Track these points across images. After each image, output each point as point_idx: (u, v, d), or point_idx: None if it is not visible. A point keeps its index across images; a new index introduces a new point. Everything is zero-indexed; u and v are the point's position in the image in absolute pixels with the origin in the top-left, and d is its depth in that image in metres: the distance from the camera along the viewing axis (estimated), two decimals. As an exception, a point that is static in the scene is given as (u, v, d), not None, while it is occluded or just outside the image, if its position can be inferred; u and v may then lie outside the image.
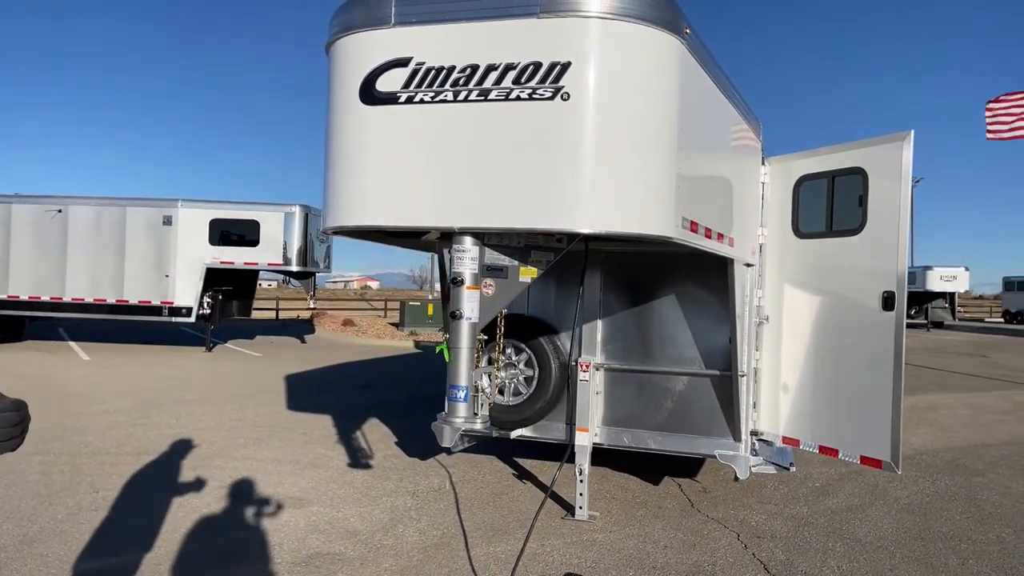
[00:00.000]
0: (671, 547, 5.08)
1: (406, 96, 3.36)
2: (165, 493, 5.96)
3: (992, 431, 9.57)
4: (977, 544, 5.28)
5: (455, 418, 3.59)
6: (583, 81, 3.18)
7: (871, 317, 4.98)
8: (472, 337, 3.57)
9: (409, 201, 3.40)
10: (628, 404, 5.86)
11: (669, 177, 3.41)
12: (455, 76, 3.29)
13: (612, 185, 3.25)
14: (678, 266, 5.63)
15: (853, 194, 5.13)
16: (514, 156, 3.25)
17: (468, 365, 3.56)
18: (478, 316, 3.58)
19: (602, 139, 3.21)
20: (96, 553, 4.73)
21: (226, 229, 16.23)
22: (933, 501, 6.30)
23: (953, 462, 7.76)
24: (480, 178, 3.29)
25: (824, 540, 5.28)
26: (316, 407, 10.02)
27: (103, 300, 16.29)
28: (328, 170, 3.63)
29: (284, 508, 5.68)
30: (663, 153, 3.39)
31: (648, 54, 3.33)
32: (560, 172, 3.21)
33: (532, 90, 3.20)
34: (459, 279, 3.48)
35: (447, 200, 3.34)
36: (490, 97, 3.26)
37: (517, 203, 3.25)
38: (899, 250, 4.83)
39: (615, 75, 3.23)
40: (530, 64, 3.20)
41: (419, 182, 3.38)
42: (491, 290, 3.57)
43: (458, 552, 4.90)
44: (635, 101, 3.29)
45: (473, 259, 3.50)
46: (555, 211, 3.23)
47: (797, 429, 5.55)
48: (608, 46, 3.23)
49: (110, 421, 8.74)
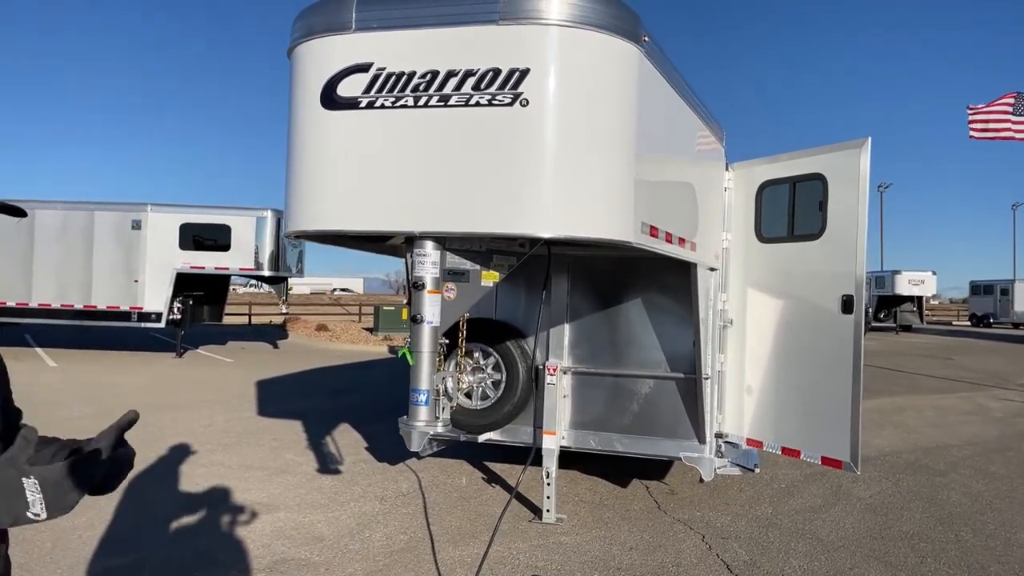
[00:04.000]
0: (636, 549, 5.13)
1: (367, 101, 3.38)
2: (130, 501, 5.90)
3: (956, 432, 9.75)
4: (936, 543, 5.38)
5: (417, 421, 3.61)
6: (542, 88, 3.22)
7: (831, 320, 5.07)
8: (434, 341, 3.59)
9: (370, 206, 3.41)
10: (595, 407, 5.90)
11: (628, 182, 3.46)
12: (415, 82, 3.31)
13: (570, 190, 3.29)
14: (644, 270, 5.69)
15: (814, 199, 5.22)
16: (474, 161, 3.28)
17: (430, 369, 3.57)
18: (439, 320, 3.60)
19: (560, 145, 3.25)
20: (59, 562, 4.67)
21: (197, 233, 16.07)
22: (895, 501, 6.41)
23: (916, 462, 7.90)
24: (440, 183, 3.31)
25: (787, 540, 5.36)
26: (287, 412, 9.96)
27: (70, 305, 16.07)
28: (289, 174, 3.64)
29: (251, 514, 5.65)
30: (622, 159, 3.44)
31: (606, 61, 3.38)
32: (519, 177, 3.25)
33: (491, 96, 3.23)
34: (420, 283, 3.50)
35: (408, 205, 3.36)
36: (450, 103, 3.28)
37: (477, 208, 3.28)
38: (858, 254, 4.93)
39: (573, 82, 3.27)
40: (489, 70, 3.24)
41: (380, 187, 3.40)
42: (452, 294, 3.60)
43: (424, 556, 4.91)
44: (593, 108, 3.33)
45: (434, 263, 3.52)
46: (514, 216, 3.26)
47: (761, 431, 5.63)
48: (566, 53, 3.27)
49: (74, 428, 8.54)
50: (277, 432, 8.69)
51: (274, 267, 16.34)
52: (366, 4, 3.43)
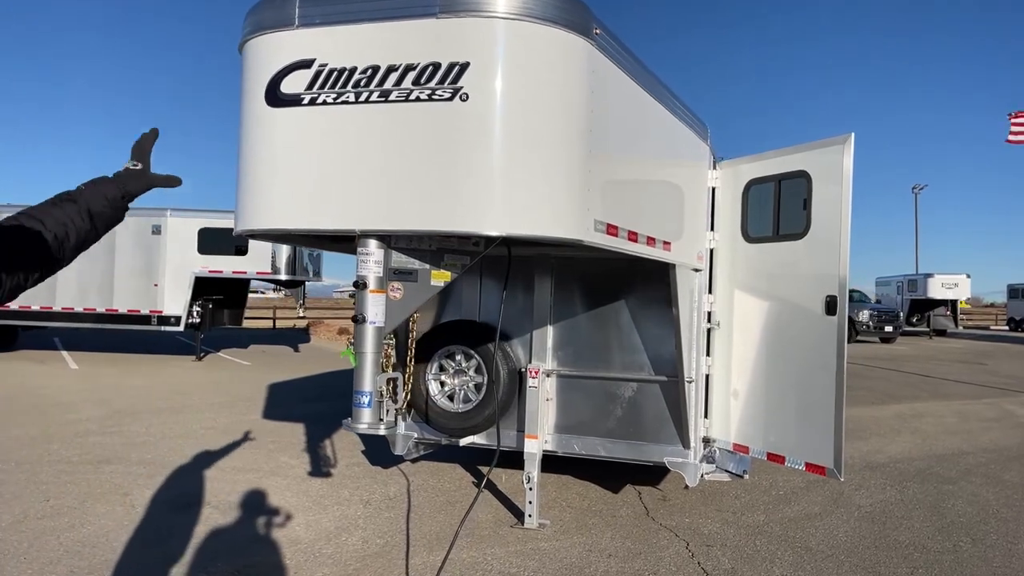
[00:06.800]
0: (616, 556, 5.01)
1: (309, 98, 3.33)
2: (116, 502, 5.93)
3: (975, 439, 9.44)
4: (931, 552, 5.18)
5: (359, 423, 3.54)
6: (482, 82, 3.13)
7: (815, 322, 4.91)
8: (377, 341, 3.52)
9: (313, 204, 3.36)
10: (580, 411, 5.79)
11: (577, 179, 3.36)
12: (356, 77, 3.25)
13: (514, 187, 3.20)
14: (629, 271, 5.56)
15: (798, 198, 5.07)
16: (416, 157, 3.20)
17: (373, 370, 3.51)
18: (383, 320, 3.53)
19: (502, 141, 3.16)
20: (32, 563, 4.69)
21: (215, 238, 16.22)
22: (896, 509, 6.20)
23: (927, 470, 7.65)
24: (382, 180, 3.24)
25: (774, 548, 5.20)
26: (292, 415, 9.98)
27: (92, 309, 16.33)
28: (239, 172, 3.60)
29: (232, 517, 5.64)
30: (569, 155, 3.34)
31: (549, 55, 3.28)
32: (460, 174, 3.16)
33: (432, 91, 3.15)
34: (362, 282, 3.44)
35: (349, 203, 3.30)
36: (391, 98, 3.21)
37: (419, 205, 3.20)
38: (841, 254, 4.76)
39: (514, 76, 3.18)
40: (429, 65, 3.16)
41: (322, 185, 3.34)
42: (399, 293, 3.53)
43: (397, 561, 4.85)
44: (536, 102, 3.24)
45: (377, 262, 3.45)
46: (456, 214, 3.17)
47: (747, 436, 5.47)
48: (507, 47, 3.18)
49: (80, 429, 8.73)
50: (278, 435, 8.70)
51: (290, 271, 16.44)
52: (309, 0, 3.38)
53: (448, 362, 5.86)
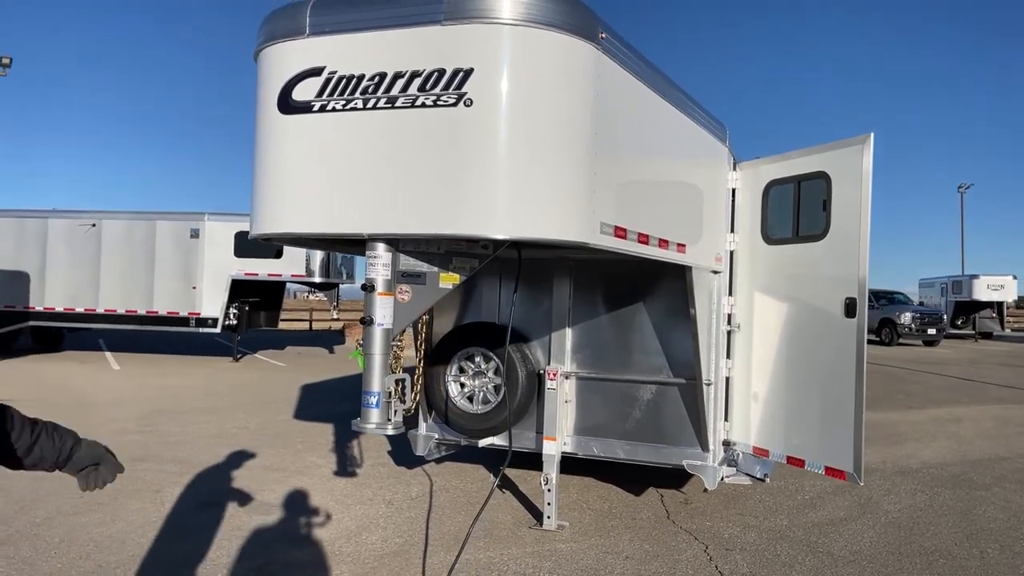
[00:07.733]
0: (633, 558, 5.00)
1: (319, 105, 3.41)
2: (147, 499, 6.09)
3: (1013, 444, 9.22)
4: (956, 559, 5.08)
5: (367, 424, 3.61)
6: (485, 88, 3.18)
7: (834, 324, 4.85)
8: (385, 343, 3.59)
9: (323, 208, 3.44)
10: (598, 413, 5.79)
11: (582, 182, 3.38)
12: (364, 84, 3.32)
13: (519, 191, 3.23)
14: (647, 274, 5.55)
15: (818, 199, 5.02)
16: (421, 162, 3.26)
17: (381, 371, 3.57)
18: (391, 322, 3.59)
19: (506, 145, 3.20)
20: (62, 557, 4.85)
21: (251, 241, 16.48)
22: (924, 515, 6.09)
23: (960, 475, 7.49)
24: (389, 185, 3.31)
25: (795, 554, 5.14)
26: (322, 416, 10.13)
27: (134, 311, 16.75)
28: (253, 178, 3.70)
29: (256, 515, 5.75)
30: (575, 158, 3.36)
31: (553, 59, 3.31)
32: (465, 178, 3.21)
33: (436, 97, 3.21)
34: (370, 285, 3.51)
35: (358, 207, 3.37)
36: (397, 104, 3.28)
37: (426, 209, 3.26)
38: (860, 255, 4.70)
39: (518, 81, 3.21)
40: (434, 71, 3.22)
41: (332, 189, 3.42)
42: (407, 296, 3.59)
43: (414, 560, 4.91)
44: (540, 106, 3.27)
45: (385, 265, 3.52)
46: (461, 217, 3.22)
47: (767, 439, 5.43)
48: (509, 52, 3.22)
49: (117, 428, 8.98)
50: (307, 435, 8.85)
51: (324, 273, 16.68)
52: (320, 9, 3.46)
53: (468, 364, 5.91)
